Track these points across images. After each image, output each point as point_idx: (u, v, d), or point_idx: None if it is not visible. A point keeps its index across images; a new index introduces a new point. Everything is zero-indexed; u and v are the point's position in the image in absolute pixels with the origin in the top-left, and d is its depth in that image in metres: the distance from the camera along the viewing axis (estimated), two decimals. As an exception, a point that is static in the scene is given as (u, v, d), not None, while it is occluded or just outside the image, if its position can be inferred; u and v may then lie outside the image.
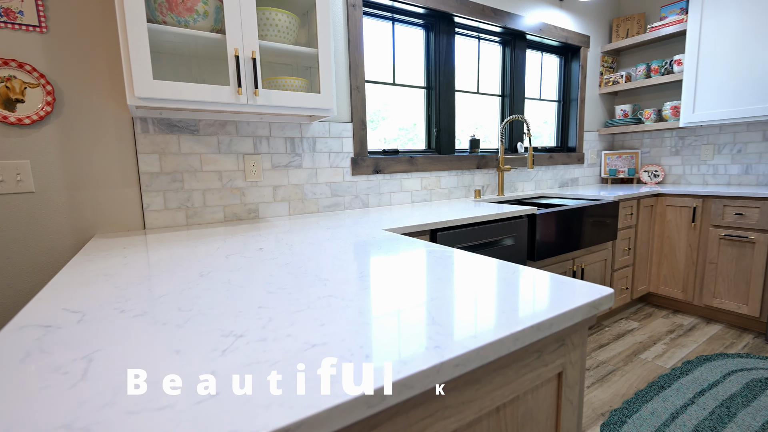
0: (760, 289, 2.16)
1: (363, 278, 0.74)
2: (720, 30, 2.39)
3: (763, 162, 2.53)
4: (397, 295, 0.64)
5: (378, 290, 0.66)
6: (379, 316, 0.55)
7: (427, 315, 0.55)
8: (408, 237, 1.14)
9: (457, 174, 2.29)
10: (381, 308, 0.58)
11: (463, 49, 2.40)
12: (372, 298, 0.63)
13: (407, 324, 0.52)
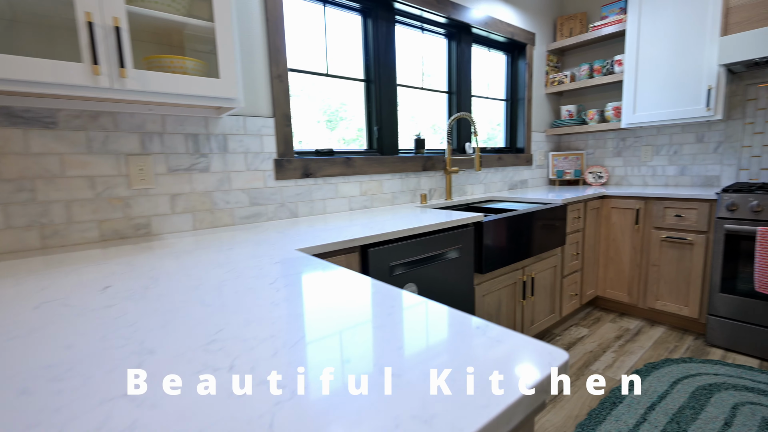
0: (699, 290, 2.17)
1: (209, 350, 0.48)
2: (657, 31, 2.40)
3: (696, 163, 2.58)
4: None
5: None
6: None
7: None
8: (320, 260, 0.90)
9: (401, 177, 2.08)
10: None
11: (407, 41, 2.21)
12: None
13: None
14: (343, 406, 0.35)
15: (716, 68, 2.18)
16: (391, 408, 0.35)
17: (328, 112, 2.01)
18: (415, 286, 1.38)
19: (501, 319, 1.83)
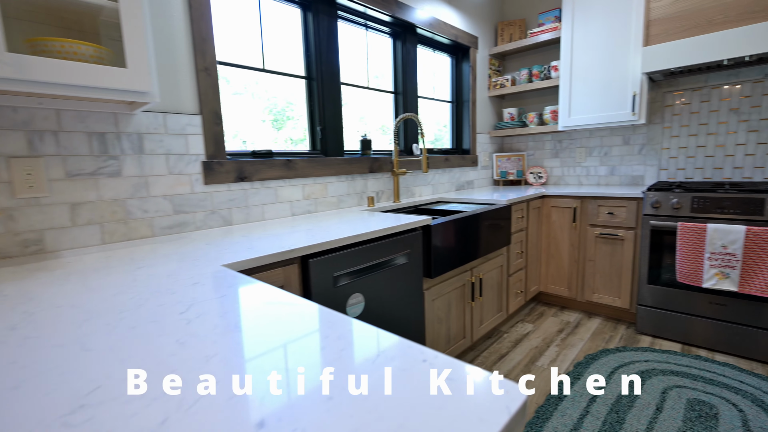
0: (629, 282, 2.33)
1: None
2: (588, 40, 2.54)
3: (624, 164, 2.78)
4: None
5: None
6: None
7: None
8: (249, 279, 0.79)
9: (347, 179, 1.99)
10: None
11: (351, 38, 2.12)
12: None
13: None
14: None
15: (640, 76, 2.35)
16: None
17: (274, 111, 1.88)
18: (361, 296, 1.30)
19: (451, 322, 1.81)
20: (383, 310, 1.39)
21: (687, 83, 2.47)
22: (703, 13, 2.05)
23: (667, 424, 1.50)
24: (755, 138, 2.29)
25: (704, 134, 2.45)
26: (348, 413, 0.35)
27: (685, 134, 2.52)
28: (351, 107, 2.25)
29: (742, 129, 2.33)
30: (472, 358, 2.05)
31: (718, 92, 2.38)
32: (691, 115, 2.48)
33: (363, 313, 1.31)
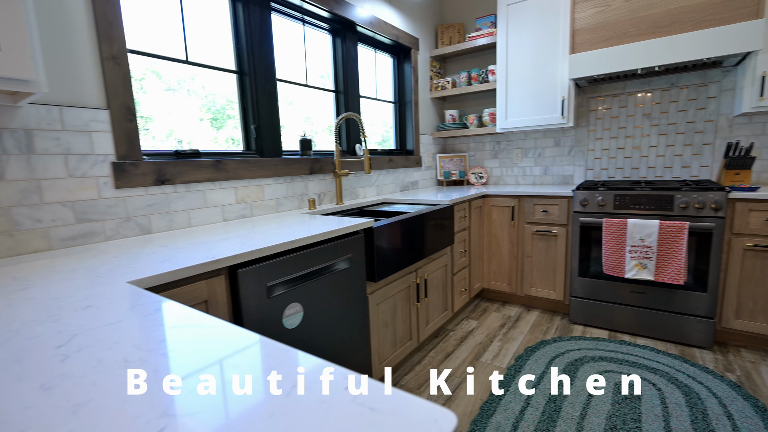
0: (563, 276, 2.47)
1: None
2: (521, 46, 2.66)
3: (556, 164, 2.96)
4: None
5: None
6: None
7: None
8: (156, 298, 0.68)
9: (286, 181, 1.89)
10: None
11: (288, 33, 2.02)
12: None
13: None
14: None
15: (567, 82, 2.51)
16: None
17: (213, 109, 1.73)
18: (299, 306, 1.22)
19: (397, 325, 1.79)
20: (324, 319, 1.32)
21: (608, 90, 2.69)
22: (620, 26, 2.23)
23: (598, 408, 1.59)
24: (665, 141, 2.55)
25: (623, 137, 2.68)
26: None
27: (607, 137, 2.73)
28: (296, 107, 2.16)
29: (654, 132, 2.57)
30: (420, 358, 2.04)
31: (633, 99, 2.61)
32: (612, 120, 2.70)
33: (302, 323, 1.23)
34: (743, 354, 1.99)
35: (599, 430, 1.47)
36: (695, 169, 2.48)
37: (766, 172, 2.29)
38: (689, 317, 2.07)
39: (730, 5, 1.94)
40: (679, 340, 2.12)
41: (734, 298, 2.00)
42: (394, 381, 1.84)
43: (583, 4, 2.29)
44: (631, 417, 1.53)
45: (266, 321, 1.11)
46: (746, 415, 1.52)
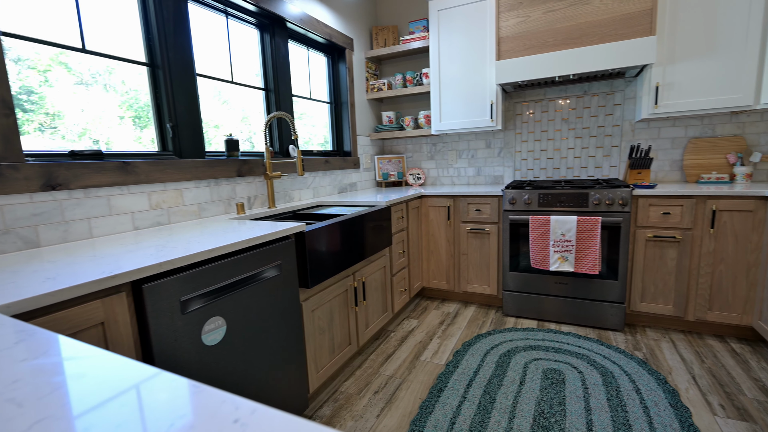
0: (496, 271, 2.59)
1: None
2: (453, 51, 2.75)
3: (488, 165, 3.10)
4: None
5: None
6: None
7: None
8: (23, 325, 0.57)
9: (210, 184, 1.75)
10: None
11: (211, 26, 1.87)
12: None
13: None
14: None
15: (495, 87, 2.64)
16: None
17: (135, 106, 1.55)
18: (222, 320, 1.12)
19: (335, 330, 1.74)
20: (252, 332, 1.23)
21: (531, 96, 2.88)
22: (539, 36, 2.40)
23: (528, 396, 1.68)
24: (581, 143, 2.78)
25: (545, 139, 2.88)
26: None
27: (531, 139, 2.93)
28: (232, 105, 2.02)
29: (571, 136, 2.80)
30: (361, 362, 2.01)
31: (553, 104, 2.82)
32: (535, 123, 2.90)
33: (226, 338, 1.13)
34: (648, 333, 2.23)
35: (529, 416, 1.55)
36: (606, 168, 2.74)
37: (662, 171, 2.60)
38: (604, 303, 2.28)
39: (628, 22, 2.16)
40: (596, 325, 2.32)
41: (640, 284, 2.24)
42: (334, 388, 1.79)
43: (507, 14, 2.43)
44: (557, 401, 1.64)
45: (181, 339, 1.00)
46: (651, 388, 1.70)
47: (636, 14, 2.13)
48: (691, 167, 2.48)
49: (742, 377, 1.77)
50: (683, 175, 2.55)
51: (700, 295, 2.11)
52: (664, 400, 1.62)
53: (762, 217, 1.94)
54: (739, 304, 2.04)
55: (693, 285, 2.13)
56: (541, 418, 1.53)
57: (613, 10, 2.17)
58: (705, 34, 2.13)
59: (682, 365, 1.88)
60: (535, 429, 1.47)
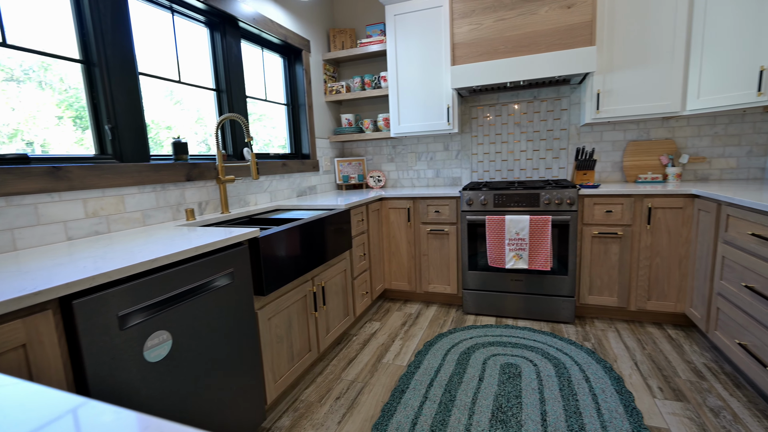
0: (456, 271, 2.65)
1: None
2: (410, 55, 2.79)
3: (446, 167, 3.17)
4: None
5: None
6: None
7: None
8: None
9: (155, 190, 1.65)
10: None
11: (157, 23, 1.77)
12: None
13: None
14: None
15: (451, 91, 2.71)
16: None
17: (75, 106, 1.42)
18: (167, 334, 1.05)
19: (293, 337, 1.69)
20: (202, 344, 1.17)
21: (485, 100, 2.98)
22: (491, 43, 2.49)
23: (487, 391, 1.72)
24: (532, 146, 2.92)
25: (499, 142, 2.99)
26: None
27: (487, 142, 3.03)
28: (185, 106, 1.93)
29: (523, 139, 2.93)
30: (322, 368, 1.98)
31: (506, 108, 2.94)
32: (490, 127, 3.00)
33: (171, 353, 1.07)
34: (596, 324, 2.37)
35: (488, 411, 1.59)
36: (555, 170, 2.89)
37: (605, 172, 2.78)
38: (557, 297, 2.40)
39: (571, 33, 2.30)
40: (550, 319, 2.43)
41: (587, 278, 2.38)
42: (294, 396, 1.74)
43: (460, 21, 2.50)
44: (513, 394, 1.69)
45: (120, 358, 0.93)
46: (598, 376, 1.81)
47: (578, 25, 2.27)
48: (630, 168, 2.67)
49: (677, 360, 1.92)
50: (623, 176, 2.74)
51: (640, 287, 2.28)
52: (610, 386, 1.72)
53: (690, 213, 2.13)
54: (673, 293, 2.22)
55: (634, 277, 2.29)
56: (499, 413, 1.58)
57: (557, 21, 2.30)
58: (638, 46, 2.31)
59: (626, 353, 2.02)
60: (493, 423, 1.52)
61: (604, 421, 1.50)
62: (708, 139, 2.55)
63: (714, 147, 2.54)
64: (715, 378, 1.76)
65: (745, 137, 2.48)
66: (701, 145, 2.56)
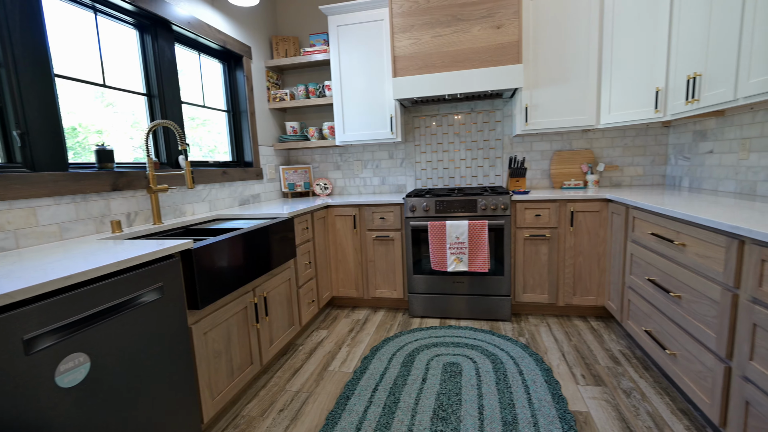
0: (401, 276, 2.72)
1: None
2: (354, 66, 2.84)
3: (391, 175, 3.25)
4: None
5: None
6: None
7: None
8: None
9: (74, 201, 1.52)
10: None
11: (73, 21, 1.65)
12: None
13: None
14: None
15: (393, 102, 2.79)
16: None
17: None
18: (84, 356, 0.98)
19: (233, 351, 1.64)
20: (126, 365, 1.10)
21: (427, 111, 3.11)
22: (429, 57, 2.61)
23: (429, 391, 1.79)
24: (471, 155, 3.09)
25: (441, 151, 3.13)
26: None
27: (429, 151, 3.15)
28: (118, 109, 1.80)
29: (463, 148, 3.09)
30: (265, 381, 1.93)
31: (446, 119, 3.09)
32: (432, 136, 3.13)
33: (91, 376, 1.00)
34: (530, 320, 2.55)
35: (430, 410, 1.65)
36: (492, 177, 3.09)
37: (535, 179, 3.01)
38: (495, 297, 2.55)
39: (501, 51, 2.49)
40: (490, 317, 2.58)
41: (521, 277, 2.55)
42: (235, 412, 1.68)
43: (400, 35, 2.60)
44: (454, 392, 1.77)
45: (26, 386, 0.85)
46: (530, 368, 1.95)
47: (507, 44, 2.46)
48: (556, 175, 2.92)
49: (598, 349, 2.13)
50: (551, 182, 2.99)
51: (567, 284, 2.49)
52: (540, 377, 1.86)
53: (606, 216, 2.38)
54: (594, 288, 2.46)
55: (561, 275, 2.50)
56: (440, 411, 1.64)
57: (488, 40, 2.48)
58: (559, 66, 2.55)
59: (555, 345, 2.19)
60: (434, 422, 1.58)
61: (534, 410, 1.63)
62: (620, 149, 2.87)
63: (625, 156, 2.86)
64: (628, 363, 1.97)
65: (648, 148, 2.82)
66: (614, 154, 2.88)
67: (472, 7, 2.45)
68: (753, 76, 1.53)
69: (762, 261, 1.11)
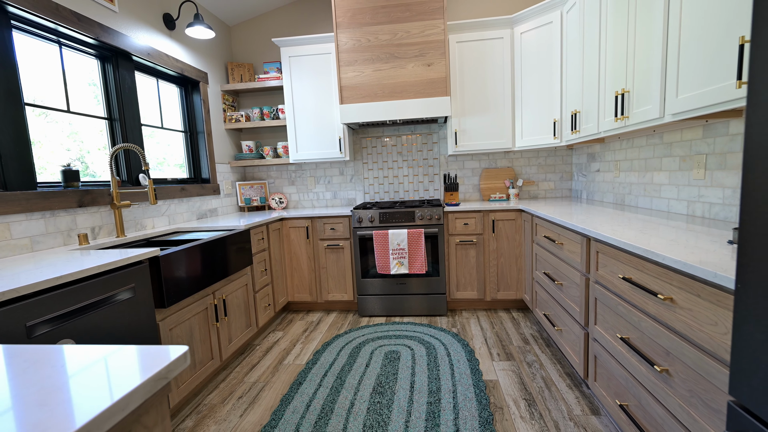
0: (351, 280, 3.02)
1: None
2: (305, 92, 3.16)
3: (342, 190, 3.57)
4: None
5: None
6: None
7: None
8: None
9: (44, 216, 1.69)
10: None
11: (39, 53, 1.83)
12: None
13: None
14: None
15: (341, 125, 3.14)
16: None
17: None
18: (72, 342, 1.19)
19: (195, 347, 1.85)
20: (105, 352, 1.31)
21: (372, 133, 3.48)
22: (372, 88, 3.00)
23: (371, 374, 2.09)
24: (412, 171, 3.49)
25: (386, 168, 3.51)
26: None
27: (376, 168, 3.52)
28: (81, 134, 1.94)
29: (405, 165, 3.49)
30: (225, 375, 2.13)
31: (390, 140, 3.48)
32: (378, 155, 3.51)
33: (76, 361, 1.20)
34: (463, 314, 2.95)
35: (370, 387, 1.95)
36: (431, 191, 3.50)
37: (468, 193, 3.47)
38: (433, 295, 2.92)
39: (432, 85, 2.92)
40: (428, 313, 2.94)
41: (455, 277, 2.95)
42: (198, 402, 1.88)
43: (346, 68, 2.96)
44: (392, 373, 2.09)
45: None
46: (457, 350, 2.31)
47: (436, 80, 2.91)
48: (485, 189, 3.40)
49: (514, 333, 2.55)
50: (481, 196, 3.46)
51: (492, 281, 2.92)
52: (464, 357, 2.23)
53: (520, 224, 2.85)
54: (514, 284, 2.91)
55: (487, 274, 2.93)
56: (379, 387, 1.95)
57: (421, 75, 2.91)
58: (481, 98, 3.04)
59: (480, 332, 2.59)
60: (373, 396, 1.88)
61: (455, 381, 1.98)
62: (535, 167, 3.40)
63: (539, 173, 3.40)
64: (535, 342, 2.40)
65: (558, 167, 3.38)
66: (531, 171, 3.41)
67: (406, 47, 2.88)
68: (607, 116, 2.05)
69: (597, 252, 1.56)
